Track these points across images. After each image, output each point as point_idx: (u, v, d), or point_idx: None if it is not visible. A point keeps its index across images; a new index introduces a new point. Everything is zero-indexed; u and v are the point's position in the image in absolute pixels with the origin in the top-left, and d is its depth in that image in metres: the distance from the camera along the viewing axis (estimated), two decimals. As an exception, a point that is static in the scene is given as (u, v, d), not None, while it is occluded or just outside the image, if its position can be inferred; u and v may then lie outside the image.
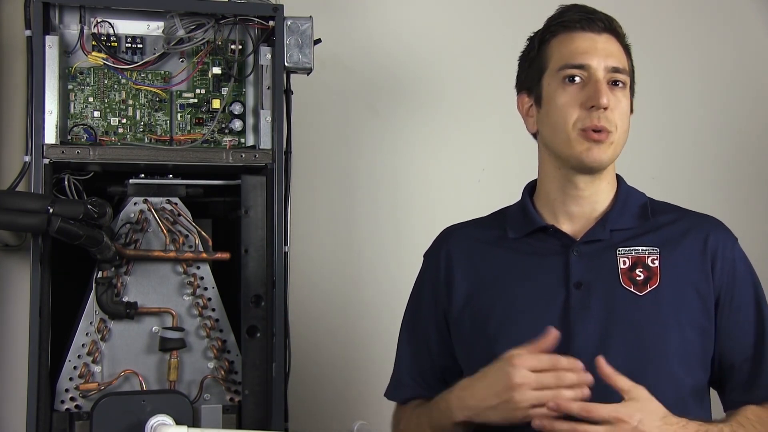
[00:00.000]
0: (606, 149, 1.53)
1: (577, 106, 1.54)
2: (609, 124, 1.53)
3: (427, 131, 2.59)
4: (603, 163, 1.55)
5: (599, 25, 1.57)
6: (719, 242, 1.57)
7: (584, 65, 1.54)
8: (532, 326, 1.53)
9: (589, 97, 1.53)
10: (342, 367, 2.50)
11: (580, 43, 1.56)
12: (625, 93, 1.57)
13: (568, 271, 1.56)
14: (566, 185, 1.59)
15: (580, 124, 1.53)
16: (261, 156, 1.90)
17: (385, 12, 2.58)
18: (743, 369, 1.55)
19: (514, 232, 1.64)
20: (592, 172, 1.57)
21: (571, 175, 1.58)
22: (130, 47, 1.91)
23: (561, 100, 1.55)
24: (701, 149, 2.75)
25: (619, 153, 1.58)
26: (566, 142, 1.55)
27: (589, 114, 1.52)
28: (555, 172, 1.60)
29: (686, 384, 1.52)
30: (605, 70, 1.54)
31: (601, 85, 1.53)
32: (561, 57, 1.57)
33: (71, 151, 1.83)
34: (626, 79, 1.57)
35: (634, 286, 1.53)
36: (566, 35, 1.58)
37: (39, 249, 1.77)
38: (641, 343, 1.50)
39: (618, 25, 1.59)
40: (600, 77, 1.54)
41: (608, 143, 1.53)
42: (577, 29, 1.57)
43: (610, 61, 1.55)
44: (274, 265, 1.87)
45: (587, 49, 1.55)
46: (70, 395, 1.82)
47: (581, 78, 1.54)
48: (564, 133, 1.55)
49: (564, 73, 1.55)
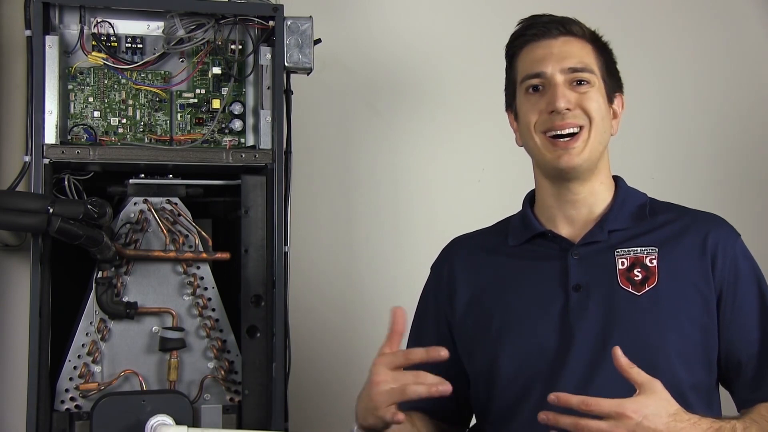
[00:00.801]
0: (579, 152, 1.54)
1: (537, 112, 1.56)
2: (578, 120, 1.54)
3: (427, 131, 2.59)
4: (578, 166, 1.55)
5: (554, 31, 1.59)
6: (719, 240, 1.57)
7: (540, 72, 1.57)
8: (532, 331, 1.55)
9: (548, 102, 1.55)
10: (342, 367, 2.50)
11: (537, 52, 1.59)
12: (594, 89, 1.57)
13: (567, 274, 1.56)
14: (560, 191, 1.60)
15: (541, 126, 1.56)
16: (261, 156, 1.90)
17: (385, 12, 2.58)
18: (750, 366, 1.54)
19: (513, 238, 1.65)
20: (573, 177, 1.57)
21: (558, 182, 1.59)
22: (130, 47, 1.91)
23: (524, 109, 1.59)
24: (701, 149, 2.75)
25: (600, 150, 1.57)
26: (536, 149, 1.58)
27: (550, 117, 1.55)
28: (547, 182, 1.62)
29: (687, 383, 1.52)
30: (562, 73, 1.56)
31: (558, 89, 1.54)
32: (523, 69, 1.60)
33: (71, 151, 1.83)
34: (590, 77, 1.57)
35: (632, 287, 1.54)
36: (527, 48, 1.61)
37: (39, 249, 1.77)
38: (641, 344, 1.50)
39: (577, 26, 1.60)
40: (557, 81, 1.55)
41: (581, 144, 1.54)
42: (535, 39, 1.60)
43: (566, 63, 1.56)
44: (274, 265, 1.87)
45: (542, 56, 1.57)
46: (70, 395, 1.82)
47: (542, 86, 1.57)
48: (531, 139, 1.58)
49: (525, 84, 1.59)
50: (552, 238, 1.61)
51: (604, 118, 1.57)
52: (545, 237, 1.61)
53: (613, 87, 1.62)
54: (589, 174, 1.58)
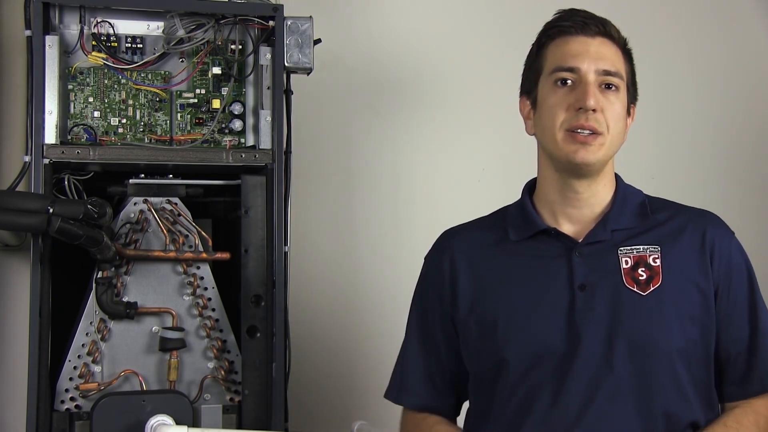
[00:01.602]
0: (595, 151, 1.53)
1: (565, 107, 1.55)
2: (598, 125, 1.53)
3: (427, 131, 2.59)
4: (592, 164, 1.55)
5: (593, 29, 1.57)
6: (716, 237, 1.58)
7: (574, 68, 1.55)
8: (539, 331, 1.55)
9: (577, 99, 1.53)
10: (342, 367, 2.50)
11: (572, 46, 1.57)
12: (619, 96, 1.56)
13: (572, 273, 1.56)
14: (564, 188, 1.60)
15: (567, 124, 1.54)
16: (261, 156, 1.90)
17: (385, 12, 2.58)
18: (738, 362, 1.56)
19: (515, 234, 1.64)
20: (583, 173, 1.57)
21: (566, 177, 1.58)
22: (130, 47, 1.91)
23: (551, 101, 1.57)
24: (700, 149, 2.75)
25: (611, 155, 1.58)
26: (554, 143, 1.56)
27: (576, 115, 1.53)
28: (552, 175, 1.61)
29: (689, 382, 1.52)
30: (596, 73, 1.55)
31: (590, 87, 1.53)
32: (554, 60, 1.58)
33: (71, 151, 1.83)
34: (619, 83, 1.56)
35: (638, 286, 1.54)
36: (561, 39, 1.59)
37: (39, 249, 1.77)
38: (646, 344, 1.51)
39: (614, 29, 1.59)
40: (590, 80, 1.54)
41: (597, 145, 1.53)
42: (571, 33, 1.58)
43: (601, 64, 1.55)
44: (274, 265, 1.87)
45: (579, 52, 1.56)
46: (70, 395, 1.82)
47: (572, 81, 1.55)
48: (552, 133, 1.56)
49: (555, 76, 1.57)
50: (555, 236, 1.60)
51: (621, 131, 1.58)
52: (548, 234, 1.61)
53: (632, 97, 1.62)
54: (597, 174, 1.58)
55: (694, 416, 1.51)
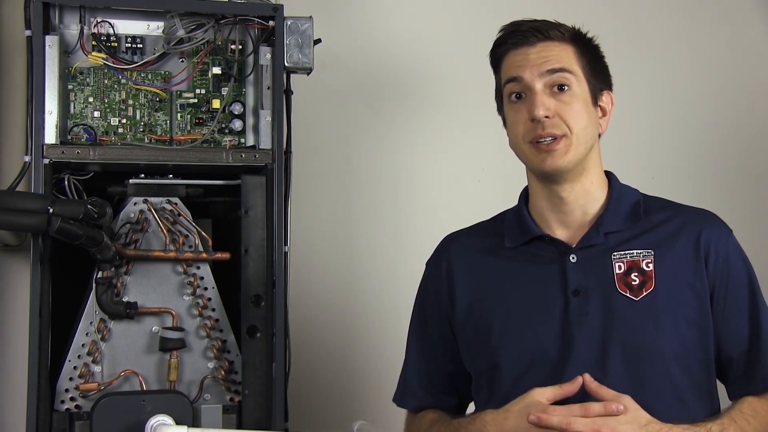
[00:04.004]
0: (562, 155, 1.54)
1: (522, 121, 1.57)
2: (558, 129, 1.54)
3: (427, 131, 2.59)
4: (563, 168, 1.55)
5: (532, 38, 1.59)
6: (712, 237, 1.57)
7: (517, 77, 1.57)
8: (532, 336, 1.55)
9: (528, 110, 1.56)
10: (342, 367, 2.50)
11: (515, 58, 1.60)
12: (574, 93, 1.56)
13: (566, 278, 1.56)
14: (549, 195, 1.61)
15: (528, 137, 1.57)
16: (261, 156, 1.90)
17: (385, 12, 2.58)
18: (741, 362, 1.56)
19: (510, 240, 1.65)
20: (562, 178, 1.58)
21: (548, 184, 1.60)
22: (130, 47, 1.91)
23: (510, 117, 1.61)
24: (700, 149, 2.75)
25: (584, 153, 1.57)
26: (524, 156, 1.59)
27: (534, 126, 1.55)
28: (537, 184, 1.63)
29: (686, 385, 1.52)
30: (541, 77, 1.56)
31: (536, 97, 1.55)
32: (504, 76, 1.62)
33: (71, 151, 1.83)
34: (569, 78, 1.56)
35: (630, 291, 1.54)
36: (507, 55, 1.62)
37: (39, 249, 1.77)
38: (639, 349, 1.51)
39: (557, 29, 1.59)
40: (536, 88, 1.55)
41: (563, 148, 1.54)
42: (513, 47, 1.60)
43: (544, 66, 1.56)
44: (274, 265, 1.87)
45: (520, 62, 1.58)
46: (70, 395, 1.82)
47: (524, 93, 1.57)
48: (519, 147, 1.60)
49: (507, 90, 1.61)
50: (549, 242, 1.61)
51: (587, 126, 1.57)
52: (542, 240, 1.62)
53: (598, 85, 1.61)
54: (578, 175, 1.58)
55: (691, 419, 1.50)
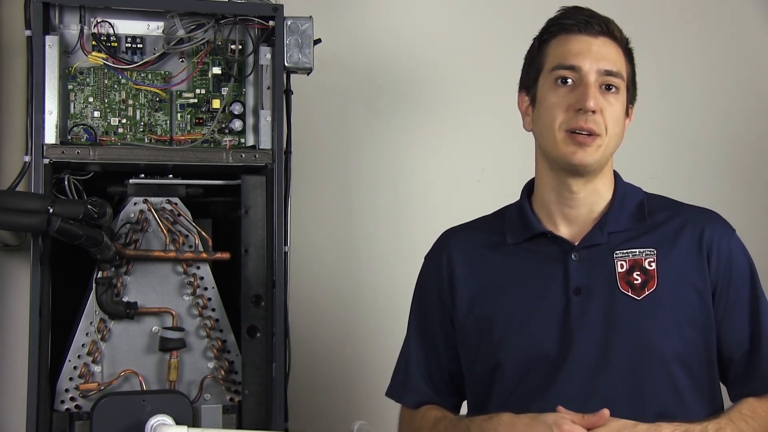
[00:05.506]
0: (592, 152, 1.53)
1: (564, 107, 1.54)
2: (597, 127, 1.52)
3: (427, 131, 2.59)
4: (588, 165, 1.54)
5: (596, 28, 1.56)
6: (714, 236, 1.57)
7: (575, 66, 1.54)
8: (533, 335, 1.55)
9: (577, 99, 1.53)
10: (342, 367, 2.50)
11: (574, 45, 1.56)
12: (618, 98, 1.56)
13: (568, 277, 1.56)
14: (560, 187, 1.59)
15: (566, 125, 1.53)
16: (261, 156, 1.90)
17: (385, 12, 2.58)
18: (741, 362, 1.56)
19: (512, 237, 1.64)
20: (580, 174, 1.57)
21: (563, 176, 1.58)
22: (130, 47, 1.91)
23: (550, 100, 1.56)
24: (701, 149, 2.75)
25: (609, 156, 1.57)
26: (553, 143, 1.55)
27: (576, 116, 1.52)
28: (548, 174, 1.60)
29: (687, 386, 1.52)
30: (597, 73, 1.54)
31: (590, 88, 1.52)
32: (555, 58, 1.57)
33: (71, 151, 1.82)
34: (620, 84, 1.56)
35: (632, 291, 1.53)
36: (563, 37, 1.58)
37: (39, 249, 1.77)
38: (641, 348, 1.51)
39: (617, 29, 1.58)
40: (590, 80, 1.53)
41: (595, 146, 1.53)
42: (573, 31, 1.57)
43: (603, 64, 1.54)
44: (274, 265, 1.87)
45: (580, 51, 1.55)
46: (70, 395, 1.82)
47: (572, 80, 1.54)
48: (551, 133, 1.55)
49: (556, 74, 1.56)
50: (552, 239, 1.60)
51: (619, 132, 1.57)
52: (545, 237, 1.61)
53: (631, 97, 1.61)
54: (594, 175, 1.58)
55: (692, 418, 1.50)
